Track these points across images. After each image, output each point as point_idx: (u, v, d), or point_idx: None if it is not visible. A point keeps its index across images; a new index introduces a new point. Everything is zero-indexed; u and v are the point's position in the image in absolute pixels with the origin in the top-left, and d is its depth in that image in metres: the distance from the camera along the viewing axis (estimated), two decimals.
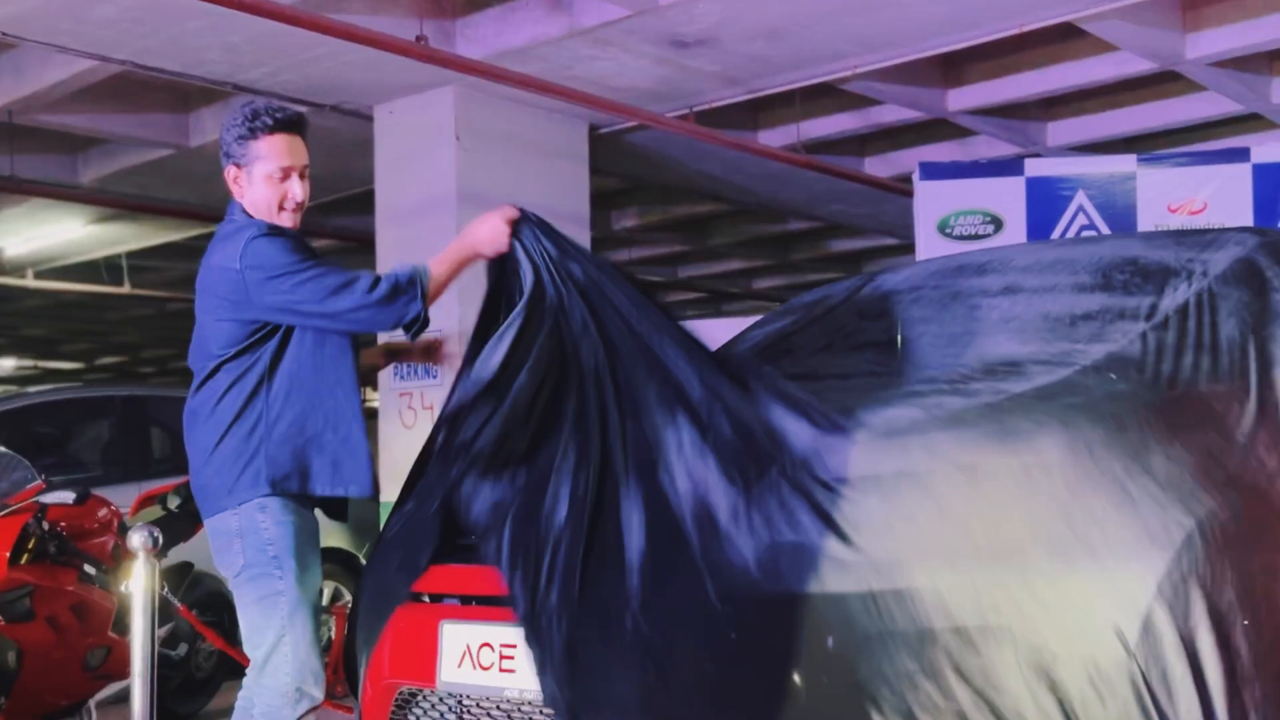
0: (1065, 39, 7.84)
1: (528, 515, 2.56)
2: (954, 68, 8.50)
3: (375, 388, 8.87)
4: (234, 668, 6.78)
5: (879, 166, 10.25)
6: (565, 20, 6.73)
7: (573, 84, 7.35)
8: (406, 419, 7.43)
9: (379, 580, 3.03)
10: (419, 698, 2.85)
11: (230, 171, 3.29)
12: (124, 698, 5.53)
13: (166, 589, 5.32)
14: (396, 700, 2.88)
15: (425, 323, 3.20)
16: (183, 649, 6.08)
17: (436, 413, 7.24)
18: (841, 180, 9.84)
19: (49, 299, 15.08)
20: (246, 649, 3.22)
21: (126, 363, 23.44)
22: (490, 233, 3.17)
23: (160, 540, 3.85)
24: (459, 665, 2.71)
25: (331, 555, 7.56)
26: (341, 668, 6.86)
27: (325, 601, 7.55)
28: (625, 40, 6.91)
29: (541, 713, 2.61)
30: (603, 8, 6.53)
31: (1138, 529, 2.17)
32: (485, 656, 2.67)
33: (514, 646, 2.63)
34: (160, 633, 5.47)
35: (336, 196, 10.13)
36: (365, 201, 10.55)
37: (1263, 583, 2.28)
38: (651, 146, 9.21)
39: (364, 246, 11.44)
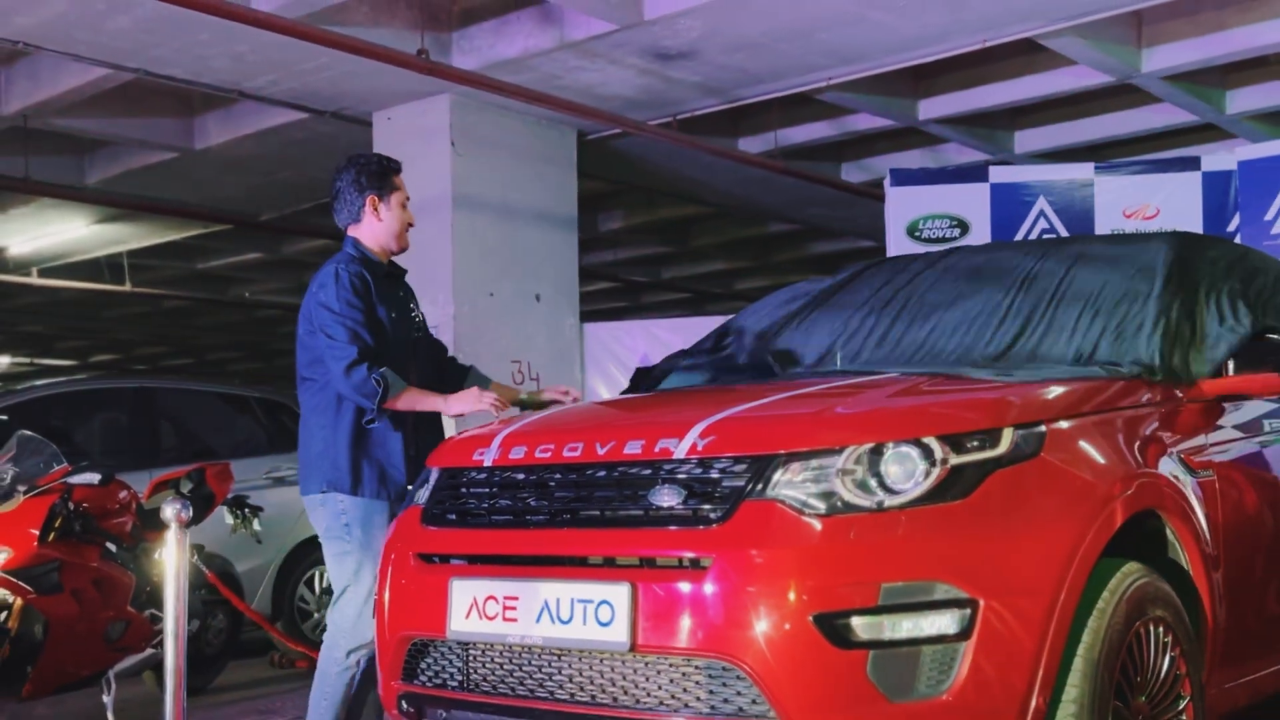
0: (1030, 53, 8.16)
1: None
2: (924, 79, 8.82)
3: None
4: (241, 647, 7.06)
5: (854, 172, 10.58)
6: (556, 33, 7.04)
7: (562, 93, 7.66)
8: None
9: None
10: (430, 647, 3.16)
11: (370, 201, 4.06)
12: (139, 671, 5.81)
13: (197, 557, 5.64)
14: (410, 650, 3.19)
15: (373, 419, 3.89)
16: (194, 625, 6.36)
17: None
18: (818, 185, 10.16)
19: (47, 296, 15.32)
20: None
21: (120, 360, 23.61)
22: (466, 405, 3.91)
23: (192, 511, 4.14)
24: (466, 616, 3.01)
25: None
26: None
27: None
28: (612, 52, 7.21)
29: (540, 656, 2.93)
30: (590, 22, 6.84)
31: None
32: (490, 608, 2.97)
33: (516, 598, 2.94)
34: None
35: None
36: None
37: None
38: (636, 151, 9.52)
39: None
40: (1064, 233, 7.60)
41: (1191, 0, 7.51)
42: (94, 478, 5.13)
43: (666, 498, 2.85)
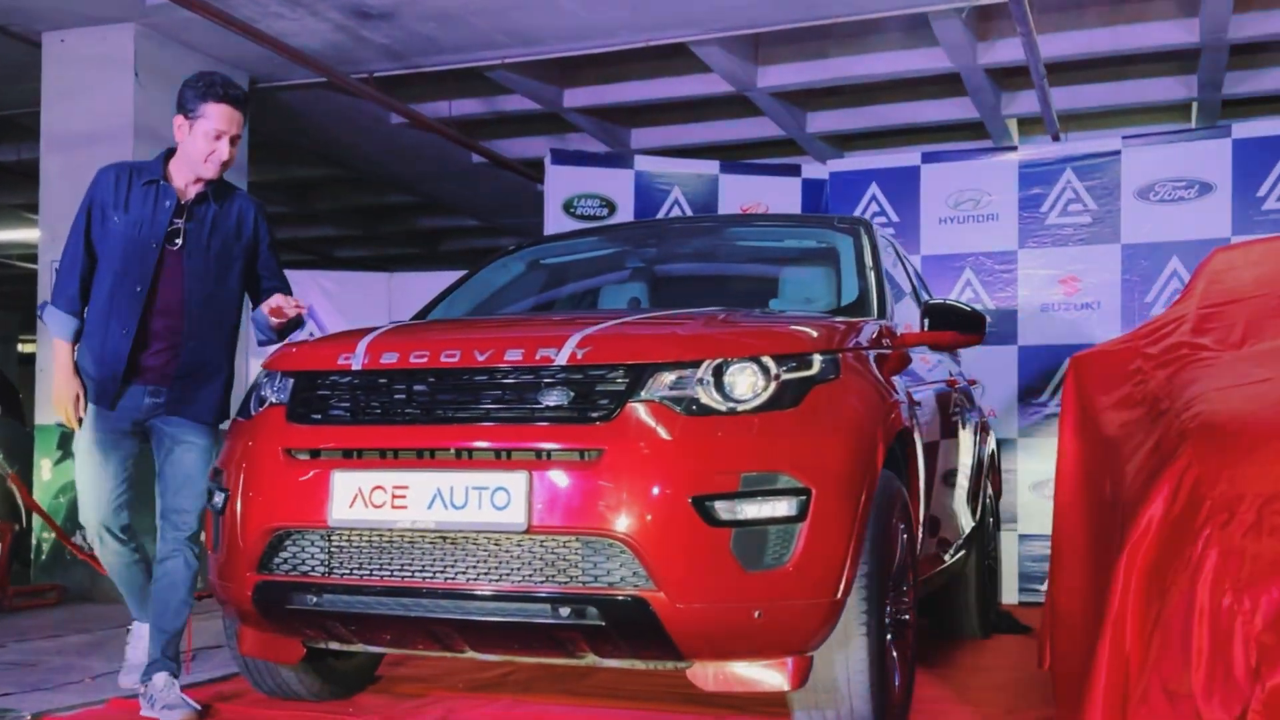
0: (665, 57, 8.72)
1: None
2: (569, 69, 9.16)
3: None
4: None
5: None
6: None
7: (252, 37, 7.31)
8: None
9: None
10: (289, 539, 3.13)
11: (177, 119, 3.80)
12: None
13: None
14: (270, 541, 3.14)
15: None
16: None
17: None
18: (456, 158, 10.24)
19: None
20: None
21: None
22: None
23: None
24: (350, 506, 3.02)
25: None
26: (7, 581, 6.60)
27: None
28: (316, 4, 7.00)
29: (425, 540, 3.00)
30: None
31: None
32: (377, 497, 3.00)
33: (405, 487, 3.00)
34: None
35: None
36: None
37: None
38: (295, 107, 9.21)
39: None
40: None
41: (802, 30, 8.30)
42: None
43: (555, 398, 3.03)
